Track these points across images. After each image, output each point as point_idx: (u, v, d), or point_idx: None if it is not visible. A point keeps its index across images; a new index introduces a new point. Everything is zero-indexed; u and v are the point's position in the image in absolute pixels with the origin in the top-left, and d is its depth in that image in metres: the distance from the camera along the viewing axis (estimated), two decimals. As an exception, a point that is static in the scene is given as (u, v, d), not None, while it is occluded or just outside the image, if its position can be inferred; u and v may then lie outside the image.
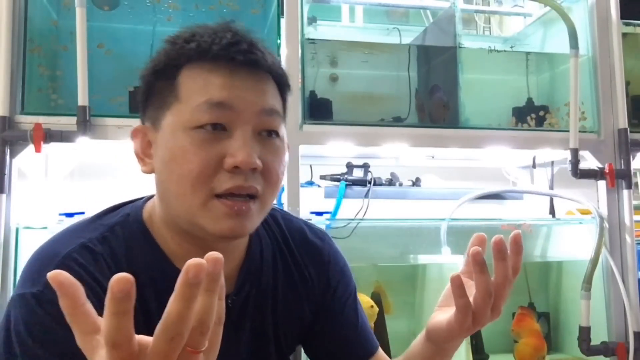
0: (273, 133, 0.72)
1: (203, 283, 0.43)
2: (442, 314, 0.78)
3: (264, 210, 0.74)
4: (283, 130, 0.75)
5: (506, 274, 0.71)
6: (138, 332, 0.69)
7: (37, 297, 0.65)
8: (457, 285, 0.71)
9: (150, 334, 0.70)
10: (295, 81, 1.42)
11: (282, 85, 0.76)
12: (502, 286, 0.72)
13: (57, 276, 0.43)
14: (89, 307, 0.45)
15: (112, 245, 0.73)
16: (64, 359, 0.63)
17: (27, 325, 0.64)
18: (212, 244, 0.72)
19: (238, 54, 0.69)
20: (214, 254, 0.43)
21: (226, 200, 0.68)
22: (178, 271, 0.43)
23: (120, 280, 0.40)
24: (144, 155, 0.75)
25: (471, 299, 0.72)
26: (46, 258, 0.70)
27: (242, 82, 0.70)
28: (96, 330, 0.45)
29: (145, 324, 0.70)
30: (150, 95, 0.74)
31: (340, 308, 0.90)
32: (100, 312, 0.63)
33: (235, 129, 0.69)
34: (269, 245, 0.86)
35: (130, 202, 0.82)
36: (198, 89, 0.69)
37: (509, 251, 0.72)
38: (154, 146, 0.73)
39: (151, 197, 0.79)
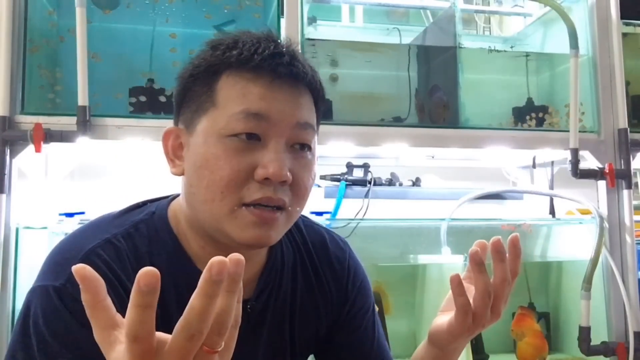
0: (305, 147, 0.72)
1: (224, 283, 0.44)
2: (444, 317, 0.78)
3: (290, 222, 0.74)
4: (315, 144, 0.75)
5: (504, 275, 0.72)
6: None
7: (58, 291, 0.65)
8: (456, 283, 0.72)
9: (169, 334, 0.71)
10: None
11: (318, 99, 0.76)
12: (501, 287, 0.72)
13: (81, 270, 0.44)
14: (109, 302, 0.46)
15: (135, 242, 0.73)
16: (78, 355, 0.63)
17: (46, 318, 0.65)
18: (235, 249, 0.73)
19: (280, 66, 0.69)
20: (235, 256, 0.44)
21: (254, 209, 0.68)
22: (200, 273, 0.44)
23: (147, 273, 0.42)
24: (175, 156, 0.75)
25: (471, 300, 0.73)
26: (70, 251, 0.70)
27: (280, 94, 0.70)
28: (114, 326, 0.46)
29: (164, 325, 0.70)
30: (186, 97, 0.73)
31: (357, 322, 0.89)
32: (119, 308, 0.65)
33: (269, 140, 0.69)
34: (291, 252, 0.85)
35: (156, 200, 0.81)
36: (236, 97, 0.69)
37: (507, 254, 0.72)
38: (185, 149, 0.73)
39: (177, 196, 0.79)
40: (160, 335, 0.45)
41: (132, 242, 0.72)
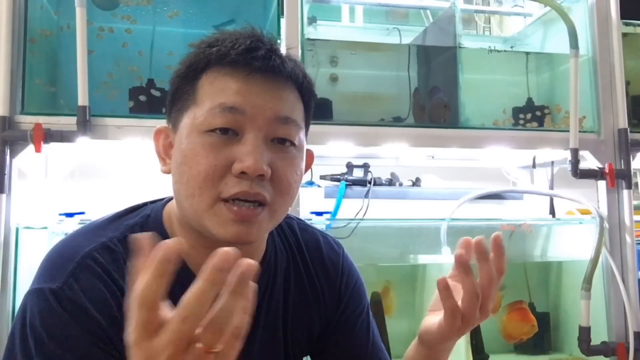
0: (287, 141, 0.71)
1: (231, 284, 0.45)
2: (433, 318, 0.79)
3: (275, 219, 0.73)
4: (301, 139, 0.73)
5: (490, 274, 0.73)
6: None
7: (55, 293, 0.65)
8: (443, 287, 0.73)
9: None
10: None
11: (305, 93, 0.75)
12: (488, 287, 0.73)
13: (142, 240, 0.48)
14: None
15: (131, 246, 0.73)
16: (77, 354, 0.63)
17: (43, 319, 0.64)
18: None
19: (255, 60, 0.69)
20: (250, 261, 0.46)
21: (232, 205, 0.67)
22: (193, 276, 0.44)
23: (170, 246, 0.45)
24: (165, 155, 0.76)
25: (459, 301, 0.73)
26: (66, 254, 0.70)
27: (258, 88, 0.69)
28: None
29: None
30: (174, 97, 0.74)
31: (351, 324, 0.89)
32: (116, 310, 0.64)
33: (246, 134, 0.68)
34: (283, 254, 0.85)
35: (152, 202, 0.82)
36: (214, 92, 0.69)
37: (491, 253, 0.73)
38: (173, 147, 0.74)
39: (172, 198, 0.79)
40: (168, 315, 0.47)
41: (127, 246, 0.72)
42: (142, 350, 0.46)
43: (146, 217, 0.77)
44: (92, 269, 0.67)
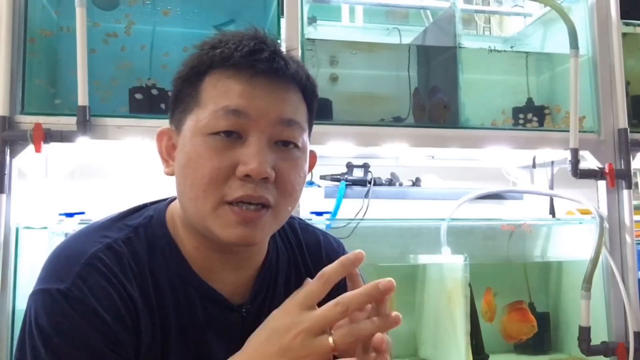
0: (291, 143, 0.71)
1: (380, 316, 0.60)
2: None
3: (278, 221, 0.73)
4: (304, 141, 0.74)
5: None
6: (154, 339, 0.71)
7: (63, 294, 0.65)
8: None
9: (165, 341, 0.71)
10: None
11: (308, 94, 0.75)
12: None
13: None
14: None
15: (135, 247, 0.73)
16: (88, 353, 0.63)
17: (51, 318, 0.64)
18: (228, 249, 0.73)
19: (259, 62, 0.69)
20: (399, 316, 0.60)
21: (236, 207, 0.67)
22: (196, 277, 0.43)
23: (358, 256, 0.63)
24: (168, 157, 0.76)
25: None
26: (72, 255, 0.69)
27: (261, 90, 0.69)
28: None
29: (161, 326, 0.70)
30: (177, 99, 0.74)
31: None
32: (123, 310, 0.66)
33: (250, 137, 0.68)
34: (285, 254, 0.85)
35: (152, 203, 0.81)
36: (217, 95, 0.69)
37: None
38: (176, 149, 0.74)
39: (175, 198, 0.79)
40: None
41: (131, 247, 0.72)
42: (289, 315, 0.60)
43: (149, 218, 0.77)
44: (98, 269, 0.67)
